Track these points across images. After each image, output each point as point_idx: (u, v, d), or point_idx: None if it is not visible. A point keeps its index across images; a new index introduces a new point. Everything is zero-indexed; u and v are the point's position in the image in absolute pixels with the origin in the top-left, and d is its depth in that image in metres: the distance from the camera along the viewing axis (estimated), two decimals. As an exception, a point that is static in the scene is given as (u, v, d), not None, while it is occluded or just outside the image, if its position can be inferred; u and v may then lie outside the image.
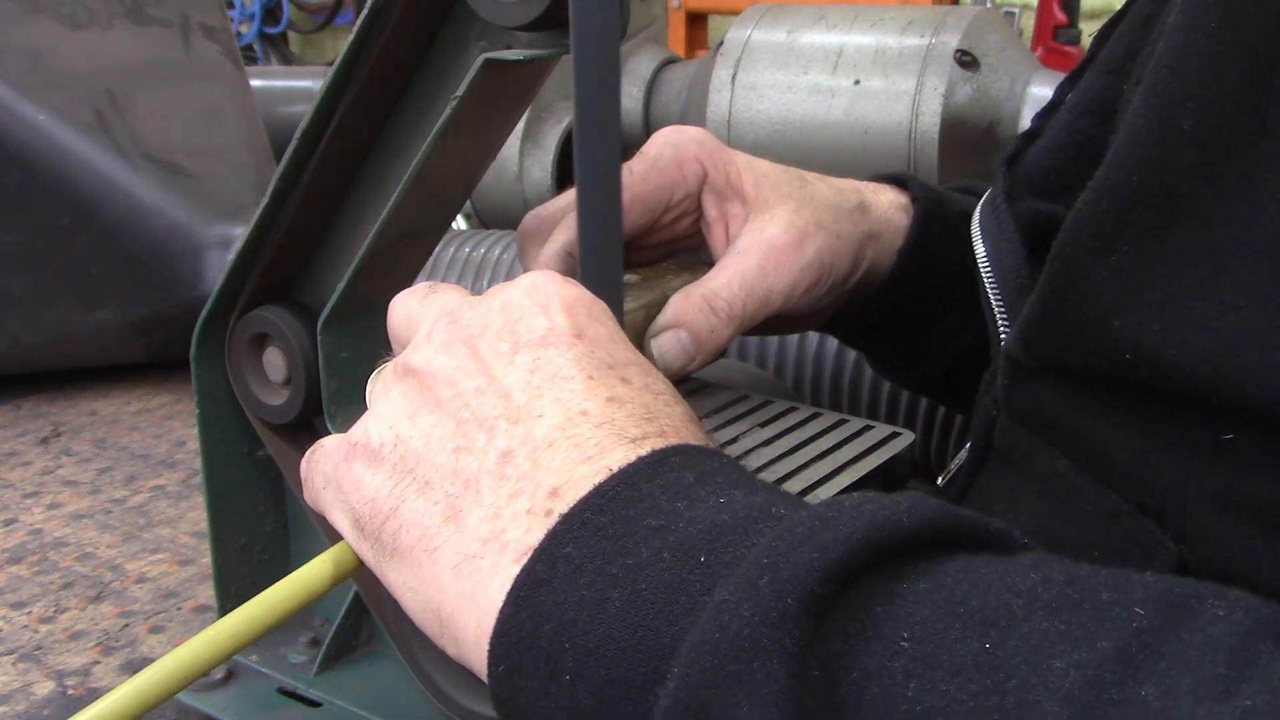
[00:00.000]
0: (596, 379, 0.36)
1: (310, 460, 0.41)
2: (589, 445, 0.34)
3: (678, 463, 0.33)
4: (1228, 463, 0.33)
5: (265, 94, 1.58)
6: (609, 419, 0.35)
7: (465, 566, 0.34)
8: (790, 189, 0.55)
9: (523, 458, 0.34)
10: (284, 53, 5.51)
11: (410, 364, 0.39)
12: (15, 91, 1.00)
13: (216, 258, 1.04)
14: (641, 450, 0.34)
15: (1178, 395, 0.33)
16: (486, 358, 0.37)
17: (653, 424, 0.35)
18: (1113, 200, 0.34)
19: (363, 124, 0.51)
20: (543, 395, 0.35)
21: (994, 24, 1.34)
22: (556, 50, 0.46)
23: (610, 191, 0.44)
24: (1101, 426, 0.37)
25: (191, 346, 0.56)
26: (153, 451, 0.94)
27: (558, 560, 0.31)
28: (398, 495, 0.36)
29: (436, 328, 0.39)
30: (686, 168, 0.55)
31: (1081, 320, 0.35)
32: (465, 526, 0.34)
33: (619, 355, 0.37)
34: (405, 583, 0.36)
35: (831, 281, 0.56)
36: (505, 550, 0.33)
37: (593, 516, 0.32)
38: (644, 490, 0.32)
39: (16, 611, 0.68)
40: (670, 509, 0.31)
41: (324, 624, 0.61)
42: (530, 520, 0.33)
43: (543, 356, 0.36)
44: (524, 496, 0.34)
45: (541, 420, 0.35)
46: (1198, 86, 0.32)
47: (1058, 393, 0.39)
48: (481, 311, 0.38)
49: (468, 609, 0.33)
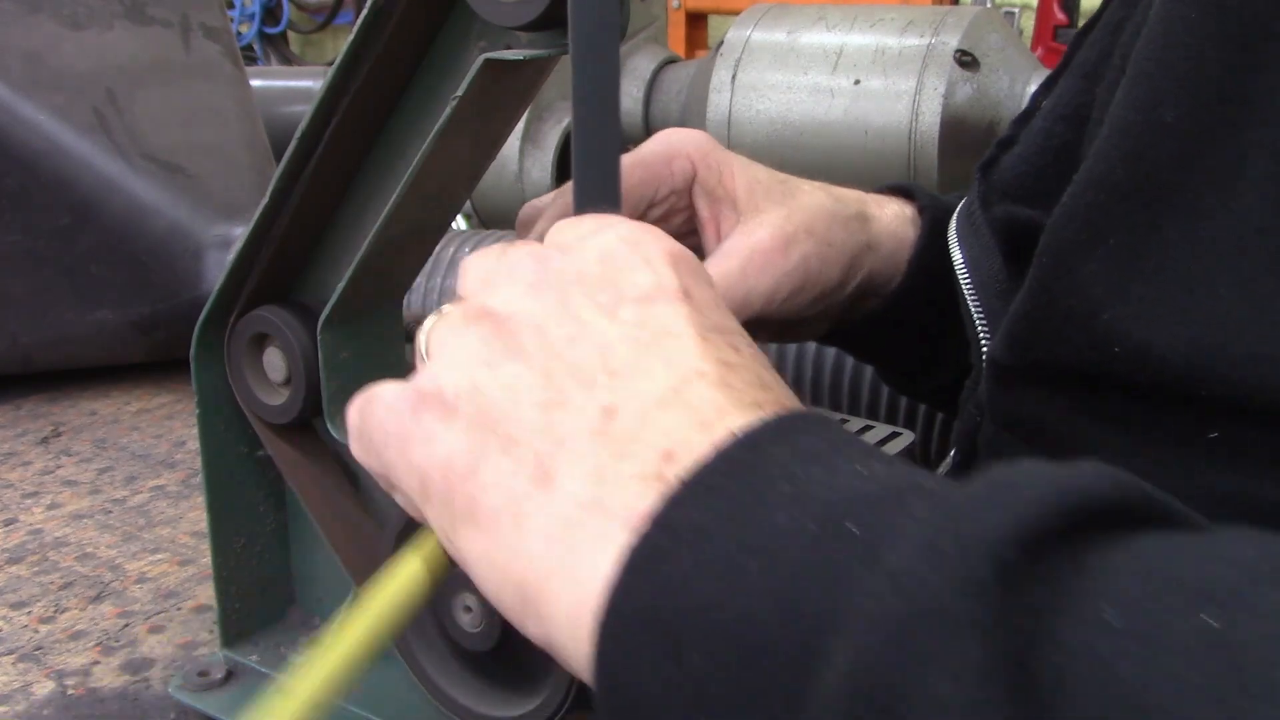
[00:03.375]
0: (710, 340, 0.33)
1: (364, 410, 0.36)
2: (707, 408, 0.31)
3: (805, 428, 0.30)
4: (1217, 461, 0.33)
5: (265, 94, 1.58)
6: (725, 382, 0.31)
7: (561, 535, 0.30)
8: (782, 195, 0.55)
9: (629, 416, 0.31)
10: (284, 53, 5.51)
11: (489, 306, 0.35)
12: (15, 91, 1.00)
13: (216, 258, 1.04)
14: (764, 415, 0.30)
15: (1165, 389, 0.33)
16: (581, 307, 0.33)
17: (770, 392, 0.32)
18: (1098, 193, 0.34)
19: (363, 124, 0.51)
20: (652, 352, 0.32)
21: (994, 24, 1.34)
22: (556, 50, 0.46)
23: (609, 192, 0.44)
24: (1088, 429, 0.37)
25: (191, 346, 0.56)
26: (153, 451, 0.94)
27: (681, 528, 0.28)
28: (477, 453, 0.32)
29: (519, 269, 0.35)
30: (675, 165, 0.55)
31: (1069, 314, 0.35)
32: (560, 490, 0.31)
33: (726, 321, 0.34)
34: (481, 552, 0.32)
35: (819, 289, 0.55)
36: (612, 517, 0.29)
37: (719, 482, 0.29)
38: (773, 454, 0.29)
39: (16, 611, 0.68)
40: (804, 475, 0.28)
41: (324, 624, 0.61)
42: (641, 485, 0.30)
43: (651, 312, 0.33)
44: (632, 459, 0.30)
45: (650, 378, 0.31)
46: (1179, 78, 0.32)
47: (1043, 396, 0.39)
48: (575, 258, 0.35)
49: (562, 581, 0.30)
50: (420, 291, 1.04)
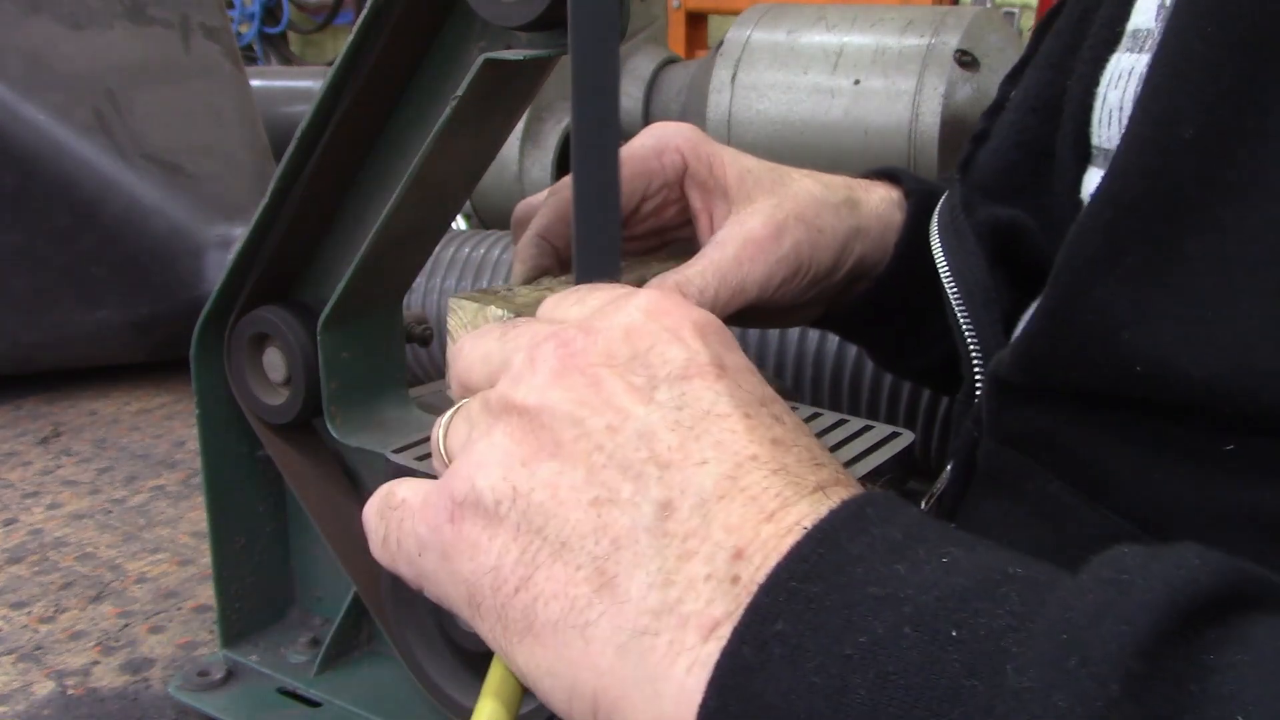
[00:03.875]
0: (754, 418, 0.31)
1: (389, 517, 0.35)
2: (768, 497, 0.29)
3: (875, 516, 0.28)
4: (1233, 475, 0.32)
5: (265, 94, 1.58)
6: (781, 465, 0.30)
7: (632, 646, 0.28)
8: (773, 184, 0.56)
9: (688, 511, 0.29)
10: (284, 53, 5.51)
11: (513, 400, 0.33)
12: (15, 91, 1.00)
13: (216, 258, 1.04)
14: (831, 502, 0.29)
15: (1186, 407, 0.32)
16: (615, 391, 0.32)
17: (825, 470, 0.31)
18: (1116, 210, 0.34)
19: (363, 124, 0.51)
20: (699, 437, 0.30)
21: (994, 24, 1.34)
22: (556, 50, 0.46)
23: (608, 192, 0.44)
24: (1101, 445, 0.36)
25: (191, 346, 0.56)
26: (153, 451, 0.94)
27: (769, 640, 0.26)
28: (528, 561, 0.30)
29: (540, 355, 0.33)
30: (665, 158, 0.55)
31: (1089, 333, 0.35)
32: (626, 596, 0.29)
33: (763, 390, 0.33)
34: (543, 666, 0.30)
35: (812, 275, 0.56)
36: (686, 625, 0.28)
37: (800, 585, 0.27)
38: (852, 552, 0.27)
39: (16, 611, 0.68)
40: (889, 573, 0.27)
41: (324, 624, 0.61)
42: (712, 588, 0.28)
43: (687, 392, 0.31)
44: (699, 559, 0.28)
45: (704, 467, 0.30)
46: (1197, 93, 0.32)
47: (1052, 413, 0.38)
48: (599, 338, 0.33)
49: (641, 697, 0.28)
50: (420, 291, 1.03)
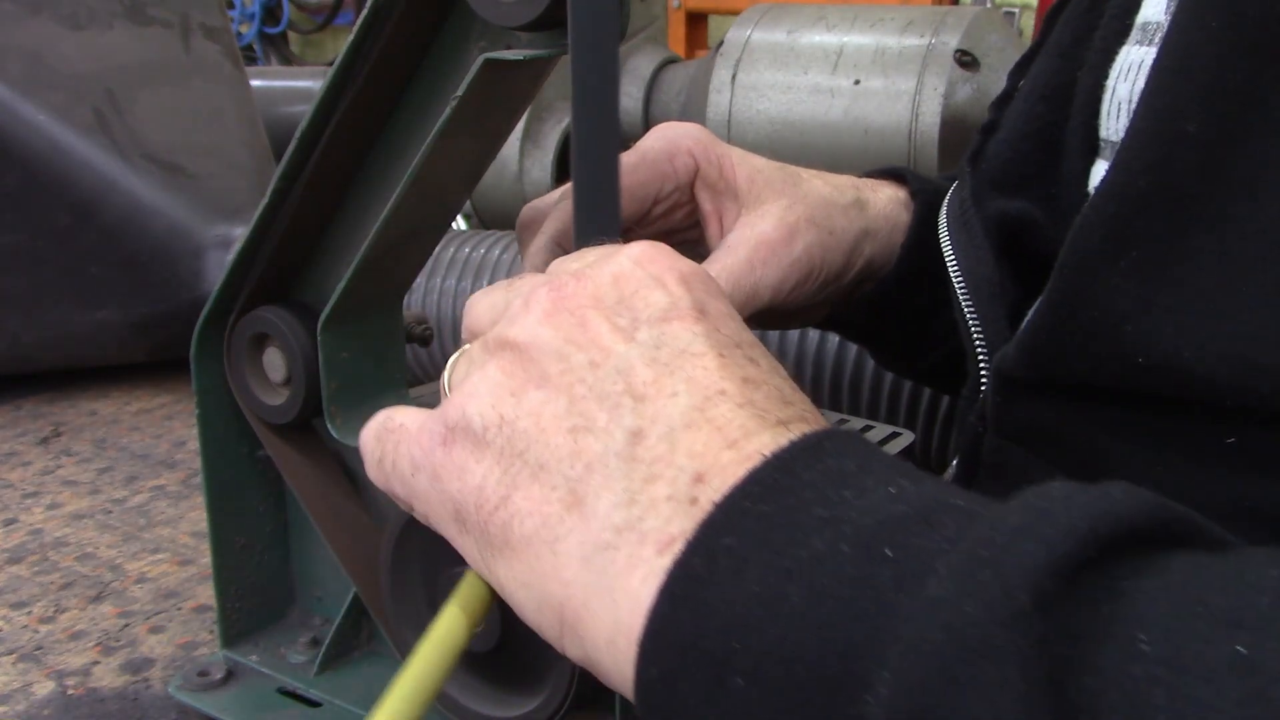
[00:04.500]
0: (728, 358, 0.33)
1: (386, 439, 0.37)
2: (732, 428, 0.31)
3: (832, 448, 0.30)
4: (1235, 469, 0.32)
5: (265, 94, 1.58)
6: (748, 400, 0.32)
7: (596, 558, 0.31)
8: (783, 185, 0.55)
9: (656, 439, 0.31)
10: (284, 53, 5.51)
11: (507, 337, 0.35)
12: (15, 91, 1.00)
13: (216, 258, 1.04)
14: (792, 434, 0.31)
15: (1189, 400, 0.33)
16: (600, 330, 0.34)
17: (793, 408, 0.33)
18: (1120, 204, 0.34)
19: (363, 124, 0.51)
20: (673, 372, 0.32)
21: (994, 24, 1.34)
22: (556, 50, 0.46)
23: (608, 192, 0.44)
24: (1105, 439, 0.36)
25: (191, 346, 0.56)
26: (153, 451, 0.94)
27: (718, 552, 0.29)
28: (509, 482, 0.33)
29: (535, 298, 0.36)
30: (677, 160, 0.55)
31: (1093, 327, 0.35)
32: (593, 514, 0.31)
33: (742, 334, 0.35)
34: (518, 578, 0.33)
35: (824, 278, 0.56)
36: (645, 540, 0.30)
37: (752, 505, 0.29)
38: (804, 477, 0.29)
39: (16, 611, 0.68)
40: (837, 498, 0.29)
41: (324, 624, 0.61)
42: (672, 508, 0.30)
43: (667, 332, 0.34)
44: (662, 482, 0.31)
45: (675, 399, 0.32)
46: (1201, 87, 0.32)
47: (1056, 408, 0.38)
48: (588, 283, 0.35)
49: (600, 605, 0.31)
50: (420, 291, 1.03)
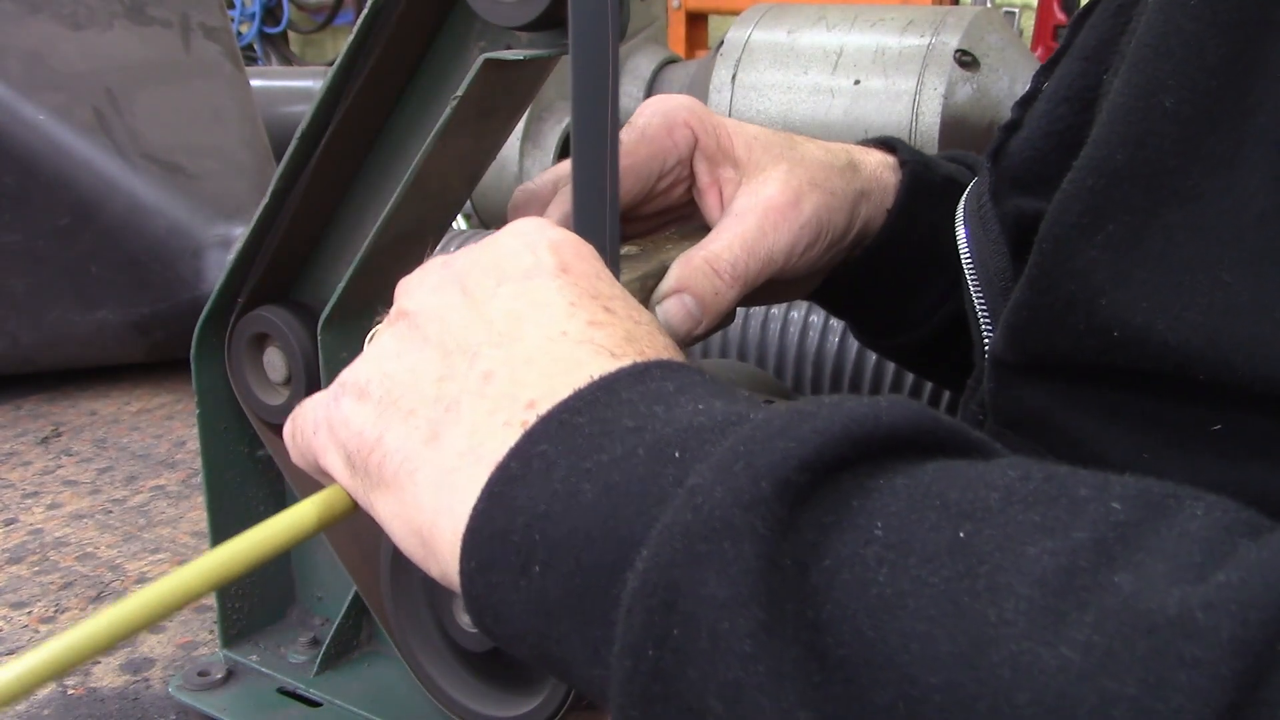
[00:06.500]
0: (578, 305, 0.36)
1: (296, 414, 0.41)
2: (568, 360, 0.34)
3: (659, 374, 0.33)
4: (1221, 454, 0.33)
5: (265, 94, 1.58)
6: (588, 338, 0.35)
7: (444, 481, 0.34)
8: (782, 150, 0.55)
9: (502, 377, 0.35)
10: (284, 53, 5.51)
11: (402, 307, 0.40)
12: (15, 91, 1.00)
13: (216, 258, 1.04)
14: (622, 362, 0.34)
15: (1165, 377, 0.33)
16: (473, 292, 0.38)
17: (633, 345, 0.35)
18: (1098, 178, 0.35)
19: (363, 124, 0.51)
20: (524, 320, 0.36)
21: (994, 24, 1.34)
22: (556, 50, 0.46)
23: (608, 192, 0.44)
24: (1091, 425, 0.37)
25: (191, 346, 0.56)
26: (153, 451, 0.94)
27: (532, 457, 0.32)
28: (382, 424, 0.36)
29: (428, 275, 0.40)
30: (676, 133, 0.55)
31: (1070, 300, 0.35)
32: (444, 445, 0.34)
33: (604, 289, 0.38)
34: (391, 510, 0.36)
35: (830, 239, 0.56)
36: (480, 461, 0.33)
37: (569, 417, 0.32)
38: (623, 396, 0.32)
39: (16, 611, 0.68)
40: (648, 412, 0.32)
41: (324, 624, 0.61)
42: (507, 432, 0.33)
43: (526, 287, 0.37)
44: (501, 412, 0.34)
45: (522, 342, 0.35)
46: (1179, 64, 0.32)
47: (1045, 392, 0.39)
48: (471, 254, 0.40)
49: (445, 521, 0.34)
50: (420, 291, 1.03)
